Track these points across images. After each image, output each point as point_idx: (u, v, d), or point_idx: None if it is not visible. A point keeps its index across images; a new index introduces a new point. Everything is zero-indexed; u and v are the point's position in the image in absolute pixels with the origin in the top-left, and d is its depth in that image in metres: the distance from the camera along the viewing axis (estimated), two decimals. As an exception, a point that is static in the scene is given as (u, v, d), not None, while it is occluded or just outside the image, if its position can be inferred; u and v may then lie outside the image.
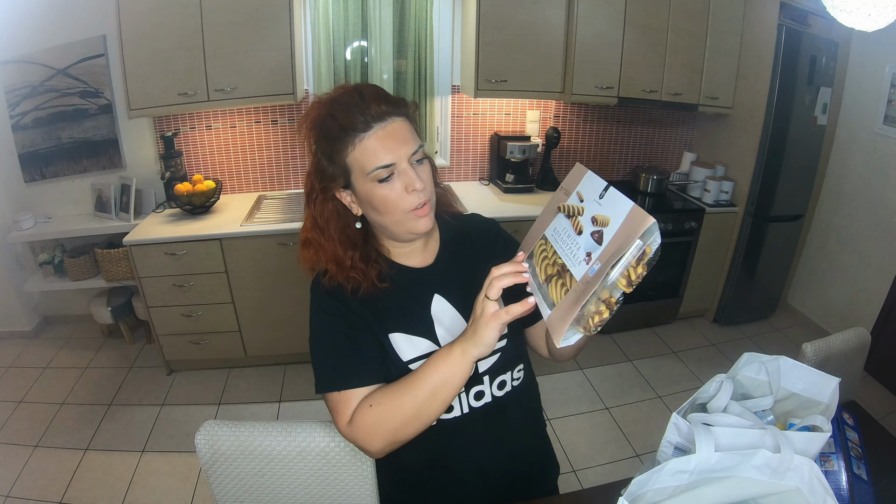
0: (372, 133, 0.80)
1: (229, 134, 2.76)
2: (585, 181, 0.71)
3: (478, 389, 0.92)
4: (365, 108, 0.80)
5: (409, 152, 0.82)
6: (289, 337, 2.58)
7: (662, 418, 0.84)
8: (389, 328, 0.89)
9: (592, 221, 0.66)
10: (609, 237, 0.63)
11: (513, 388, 0.96)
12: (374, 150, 0.80)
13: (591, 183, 0.69)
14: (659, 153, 3.39)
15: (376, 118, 0.80)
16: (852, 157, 2.93)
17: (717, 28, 2.76)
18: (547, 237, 0.73)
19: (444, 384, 0.77)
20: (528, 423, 1.05)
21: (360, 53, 2.74)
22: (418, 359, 0.89)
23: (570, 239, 0.68)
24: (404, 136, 0.82)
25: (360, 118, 0.80)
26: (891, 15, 1.34)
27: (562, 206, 0.72)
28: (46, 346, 2.89)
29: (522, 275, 0.72)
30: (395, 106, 0.83)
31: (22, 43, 2.46)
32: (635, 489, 0.73)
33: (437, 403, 0.78)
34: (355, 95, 0.82)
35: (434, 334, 0.91)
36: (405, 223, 0.85)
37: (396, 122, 0.82)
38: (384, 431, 0.80)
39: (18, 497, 1.93)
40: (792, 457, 0.71)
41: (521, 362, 0.99)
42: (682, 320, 3.22)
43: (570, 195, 0.72)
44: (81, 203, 2.76)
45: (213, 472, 1.03)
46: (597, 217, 0.66)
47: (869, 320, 2.73)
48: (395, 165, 0.81)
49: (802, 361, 1.09)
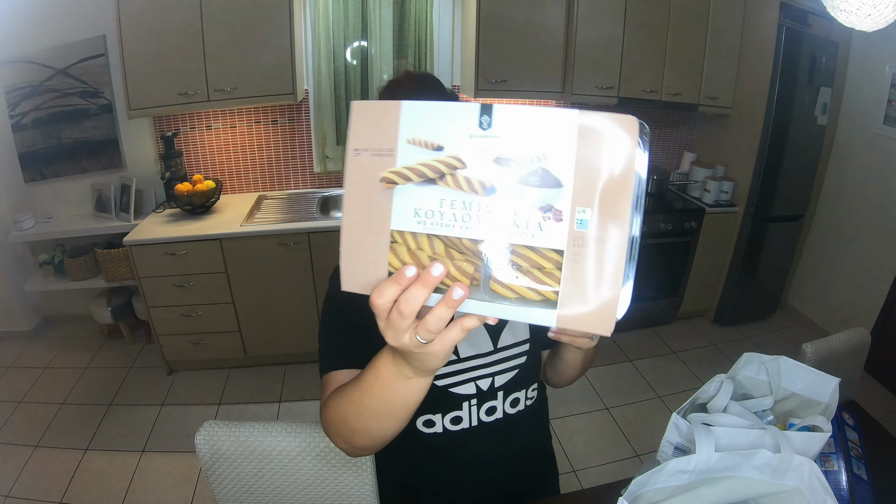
0: None
1: (229, 134, 2.76)
2: (413, 119, 0.42)
3: (490, 405, 0.90)
4: (405, 91, 0.81)
5: None
6: (289, 337, 2.58)
7: (662, 418, 0.83)
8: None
9: (503, 164, 0.40)
10: (569, 171, 0.39)
11: (525, 408, 0.94)
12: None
13: (434, 116, 0.42)
14: (659, 153, 3.39)
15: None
16: (852, 157, 2.93)
17: (717, 28, 2.76)
18: (404, 230, 0.43)
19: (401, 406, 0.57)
20: (535, 438, 1.04)
21: (360, 53, 2.74)
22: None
23: (476, 208, 0.41)
24: None
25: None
26: (891, 15, 1.34)
27: (391, 174, 0.43)
28: (46, 346, 2.89)
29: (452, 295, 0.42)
30: (436, 96, 0.82)
31: (22, 43, 2.46)
32: (635, 489, 0.73)
33: (386, 423, 0.60)
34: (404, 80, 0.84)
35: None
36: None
37: None
38: (341, 433, 0.67)
39: (18, 497, 1.93)
40: (792, 457, 0.71)
41: (537, 380, 0.97)
42: (682, 320, 3.22)
43: (395, 153, 0.43)
44: (81, 203, 2.76)
45: (213, 472, 1.03)
46: (508, 157, 0.40)
47: (869, 320, 2.73)
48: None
49: (802, 361, 1.09)
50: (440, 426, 0.89)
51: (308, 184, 2.94)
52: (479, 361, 0.89)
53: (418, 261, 0.43)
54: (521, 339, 0.92)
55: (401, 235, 0.43)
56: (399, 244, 0.44)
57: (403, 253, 0.44)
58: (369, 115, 0.44)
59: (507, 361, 0.90)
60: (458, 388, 0.88)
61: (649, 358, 2.85)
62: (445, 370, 0.87)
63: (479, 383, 0.89)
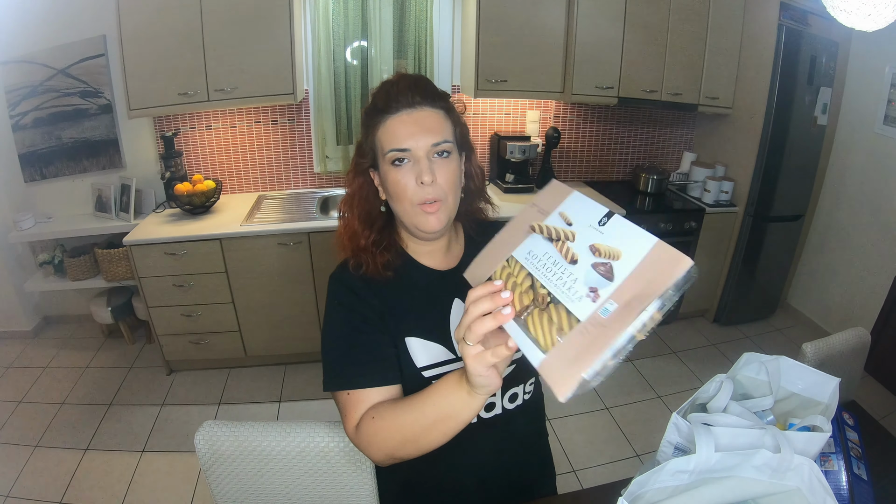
0: (397, 116, 0.82)
1: (229, 134, 2.76)
2: (572, 202, 0.62)
3: (489, 401, 0.90)
4: (397, 92, 0.82)
5: (430, 142, 0.81)
6: (289, 337, 2.58)
7: (662, 418, 0.83)
8: (406, 331, 0.87)
9: (592, 251, 0.56)
10: (624, 274, 0.53)
11: (523, 402, 0.95)
12: (395, 131, 0.81)
13: (582, 205, 0.61)
14: (659, 153, 3.39)
15: (405, 104, 0.82)
16: (852, 157, 2.93)
17: (717, 28, 2.76)
18: (517, 259, 0.62)
19: (449, 418, 0.70)
20: (532, 434, 1.04)
21: (360, 53, 2.74)
22: (432, 366, 0.87)
23: (559, 267, 0.57)
24: (430, 125, 0.82)
25: (391, 101, 0.82)
26: (891, 15, 1.34)
27: (537, 225, 0.62)
28: (46, 346, 2.89)
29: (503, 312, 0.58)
30: (428, 97, 0.83)
31: (22, 43, 2.46)
32: (635, 489, 0.73)
33: (438, 434, 0.72)
34: (396, 81, 0.85)
35: (450, 341, 0.89)
36: (413, 216, 0.83)
37: (426, 111, 0.82)
38: (385, 446, 0.76)
39: (18, 497, 1.93)
40: (792, 457, 0.71)
41: (534, 374, 0.97)
42: (682, 320, 3.22)
43: (549, 215, 0.62)
44: (81, 203, 2.76)
45: (213, 472, 1.03)
46: (598, 247, 0.56)
47: (869, 320, 2.73)
48: (411, 152, 0.81)
49: (802, 361, 1.09)
50: None
51: (308, 184, 2.94)
52: None
53: (507, 278, 0.62)
54: None
55: (511, 260, 0.63)
56: (507, 266, 0.63)
57: (501, 272, 0.63)
58: (555, 189, 0.65)
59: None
60: None
61: (649, 358, 2.85)
62: (444, 370, 0.87)
63: None
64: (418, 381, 0.86)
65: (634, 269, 0.53)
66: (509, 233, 0.65)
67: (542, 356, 0.54)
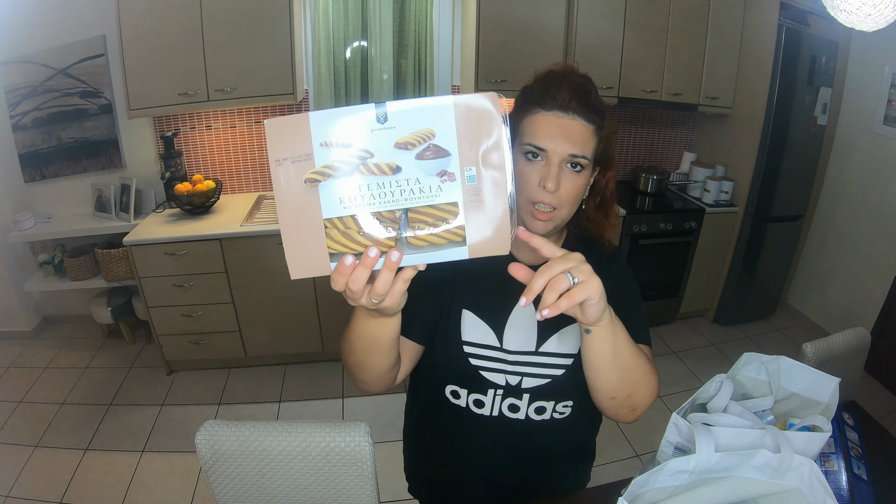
0: (548, 114, 0.80)
1: (229, 134, 2.76)
2: (321, 125, 0.50)
3: (513, 402, 0.90)
4: (557, 90, 0.80)
5: (569, 152, 0.79)
6: (289, 337, 2.57)
7: (662, 418, 0.83)
8: (466, 303, 0.88)
9: (403, 147, 0.51)
10: (453, 142, 0.51)
11: (552, 419, 0.92)
12: (539, 127, 0.80)
13: (338, 118, 0.50)
14: (659, 153, 3.39)
15: (560, 106, 0.80)
16: (852, 157, 2.93)
17: (717, 28, 2.76)
18: (335, 216, 0.52)
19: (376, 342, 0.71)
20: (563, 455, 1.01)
21: (360, 53, 2.74)
22: (475, 345, 0.88)
23: (388, 185, 0.51)
24: (573, 136, 0.79)
25: (548, 96, 0.80)
26: (891, 15, 1.34)
27: (312, 174, 0.51)
28: (46, 346, 2.89)
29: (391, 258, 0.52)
30: (584, 107, 0.80)
31: (22, 43, 2.46)
32: (635, 489, 0.73)
33: (372, 358, 0.74)
34: (560, 77, 0.84)
35: (502, 331, 0.88)
36: (524, 211, 0.81)
37: (577, 121, 0.80)
38: (347, 367, 0.80)
39: (18, 497, 1.93)
40: (792, 457, 0.71)
41: (574, 400, 0.92)
42: (682, 320, 3.22)
43: (311, 156, 0.51)
44: (81, 203, 2.76)
45: (213, 472, 1.03)
46: (405, 141, 0.51)
47: (869, 320, 2.73)
48: (546, 153, 0.79)
49: (802, 361, 1.09)
50: (464, 401, 0.92)
51: (308, 184, 2.94)
52: (517, 358, 0.89)
53: (350, 238, 0.53)
54: (566, 351, 0.89)
55: (331, 222, 0.52)
56: (331, 228, 0.52)
57: (336, 235, 0.53)
58: (282, 129, 0.51)
59: (542, 367, 0.89)
60: (489, 374, 0.89)
61: (649, 358, 2.85)
62: (483, 353, 0.88)
63: (509, 378, 0.89)
64: (458, 353, 0.88)
65: (458, 133, 0.51)
66: (290, 207, 0.52)
67: (464, 247, 0.53)
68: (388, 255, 0.52)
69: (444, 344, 0.89)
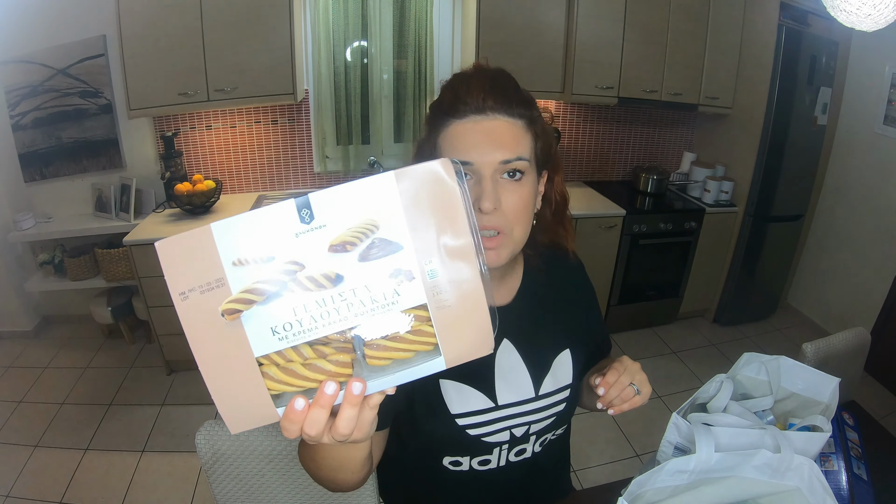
0: (464, 122, 0.69)
1: (229, 134, 2.76)
2: (228, 238, 0.40)
3: (521, 448, 0.86)
4: (467, 93, 0.69)
5: (499, 159, 0.67)
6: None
7: (662, 418, 0.83)
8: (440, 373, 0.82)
9: (340, 249, 0.40)
10: (403, 229, 0.40)
11: (549, 442, 0.91)
12: (457, 140, 0.68)
13: (248, 228, 0.40)
14: (659, 153, 3.39)
15: (474, 109, 0.68)
16: (852, 157, 2.93)
17: (717, 28, 2.76)
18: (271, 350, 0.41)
19: (341, 468, 0.63)
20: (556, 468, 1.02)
21: (360, 53, 2.74)
22: (468, 415, 0.79)
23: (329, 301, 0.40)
24: (500, 138, 0.68)
25: (458, 102, 0.69)
26: (891, 15, 1.34)
27: (229, 305, 0.40)
28: (46, 346, 2.89)
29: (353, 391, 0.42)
30: (504, 103, 0.69)
31: (22, 43, 2.45)
32: (635, 489, 0.73)
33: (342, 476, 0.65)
34: (468, 77, 0.72)
35: (492, 387, 0.80)
36: None
37: (499, 120, 0.68)
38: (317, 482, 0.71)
39: (18, 497, 1.93)
40: (792, 457, 0.71)
41: (567, 421, 0.92)
42: (682, 320, 3.22)
43: (223, 280, 0.40)
44: (81, 203, 2.76)
45: (214, 472, 1.03)
46: (339, 241, 0.40)
47: (869, 320, 2.73)
48: (473, 167, 0.67)
49: (802, 361, 1.09)
50: (467, 466, 0.85)
51: (308, 184, 2.94)
52: (518, 409, 0.83)
53: (293, 374, 0.42)
54: (562, 384, 0.86)
55: (267, 358, 0.41)
56: (268, 366, 0.41)
57: (276, 372, 0.42)
58: (180, 250, 0.39)
59: (546, 409, 0.85)
60: (492, 437, 0.82)
61: (649, 358, 2.85)
62: (480, 419, 0.81)
63: (514, 431, 0.83)
64: (452, 428, 0.80)
65: (407, 216, 0.40)
66: (210, 349, 0.42)
67: (440, 358, 0.43)
68: (347, 388, 0.41)
69: (432, 421, 0.79)
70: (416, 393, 0.78)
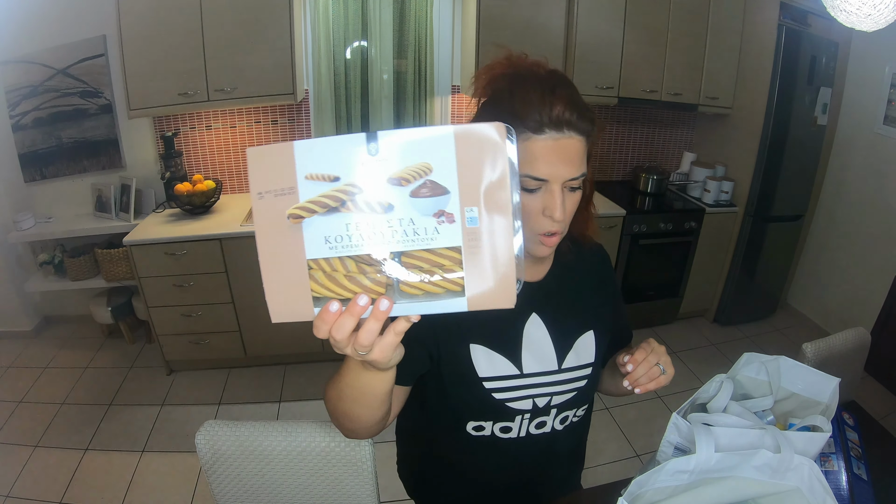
0: (542, 138, 0.69)
1: (229, 134, 2.76)
2: (306, 155, 0.46)
3: (541, 420, 0.89)
4: (549, 108, 0.68)
5: (568, 176, 0.71)
6: (289, 337, 2.57)
7: (662, 418, 0.83)
8: (471, 337, 0.83)
9: (397, 183, 0.45)
10: (453, 178, 0.45)
11: (571, 423, 0.94)
12: (535, 157, 0.69)
13: (324, 149, 0.46)
14: (659, 153, 3.39)
15: (554, 125, 0.68)
16: (852, 157, 2.93)
17: (717, 28, 2.76)
18: (320, 258, 0.47)
19: (366, 394, 0.64)
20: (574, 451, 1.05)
21: (360, 53, 2.74)
22: (494, 379, 0.84)
23: (379, 224, 0.46)
24: (572, 157, 0.70)
25: (537, 116, 0.68)
26: (891, 15, 1.34)
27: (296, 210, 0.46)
28: (46, 346, 2.89)
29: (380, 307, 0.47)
30: (581, 120, 0.70)
31: (22, 43, 2.46)
32: (635, 489, 0.73)
33: (361, 409, 0.67)
34: (546, 87, 0.70)
35: (519, 356, 0.85)
36: (529, 241, 0.76)
37: (573, 139, 0.70)
38: (333, 416, 0.74)
39: (18, 497, 1.93)
40: (792, 457, 0.71)
41: (590, 400, 0.96)
42: (682, 320, 3.22)
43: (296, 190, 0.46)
44: (81, 203, 2.76)
45: (214, 472, 1.03)
46: (398, 176, 0.45)
47: (869, 320, 2.73)
48: (548, 183, 0.71)
49: (802, 361, 1.09)
50: (489, 431, 0.89)
51: (308, 184, 2.94)
52: (542, 379, 0.87)
53: (335, 282, 0.47)
54: (585, 361, 0.90)
55: (316, 263, 0.47)
56: (315, 270, 0.47)
57: (321, 277, 0.47)
58: (265, 159, 0.46)
59: (568, 383, 0.89)
60: (515, 403, 0.86)
61: (649, 358, 2.85)
62: (505, 384, 0.85)
63: (537, 400, 0.87)
64: (479, 390, 0.84)
65: (458, 167, 0.45)
66: (272, 244, 0.47)
67: (462, 298, 0.46)
68: (376, 304, 0.46)
69: (460, 384, 0.84)
70: (445, 360, 0.83)
